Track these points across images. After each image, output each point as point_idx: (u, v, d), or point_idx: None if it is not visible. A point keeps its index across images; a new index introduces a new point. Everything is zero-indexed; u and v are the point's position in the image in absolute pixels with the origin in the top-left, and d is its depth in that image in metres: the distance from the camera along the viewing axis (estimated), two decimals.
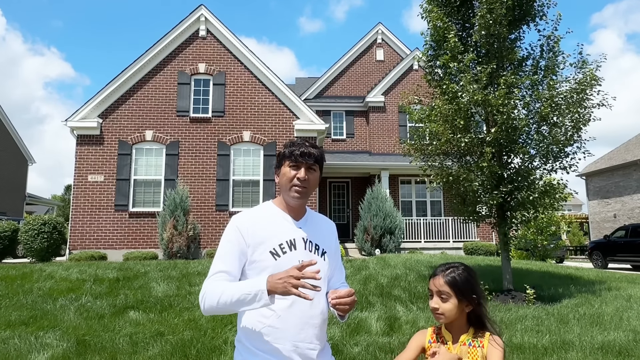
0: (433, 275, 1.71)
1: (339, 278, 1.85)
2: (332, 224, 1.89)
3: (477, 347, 1.63)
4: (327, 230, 1.83)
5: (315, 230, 1.76)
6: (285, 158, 1.72)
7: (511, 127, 7.57)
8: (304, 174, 1.68)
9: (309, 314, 1.64)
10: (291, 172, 1.69)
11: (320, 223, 1.83)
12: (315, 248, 1.72)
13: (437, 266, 1.76)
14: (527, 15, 8.21)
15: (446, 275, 1.66)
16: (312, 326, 1.64)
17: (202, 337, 5.05)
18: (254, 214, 1.71)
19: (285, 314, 1.60)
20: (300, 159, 1.68)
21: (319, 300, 1.66)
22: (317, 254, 1.72)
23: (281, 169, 1.74)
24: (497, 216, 8.18)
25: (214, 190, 13.52)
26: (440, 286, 1.66)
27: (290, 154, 1.70)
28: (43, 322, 5.66)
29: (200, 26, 14.24)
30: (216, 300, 1.55)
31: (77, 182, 13.22)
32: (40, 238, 11.57)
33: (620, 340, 5.19)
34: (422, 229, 16.26)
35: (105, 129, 13.56)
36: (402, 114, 17.97)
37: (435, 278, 1.68)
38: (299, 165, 1.69)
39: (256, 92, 14.22)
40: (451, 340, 1.67)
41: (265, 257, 1.63)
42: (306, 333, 1.62)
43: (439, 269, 1.72)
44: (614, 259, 17.04)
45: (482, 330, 1.67)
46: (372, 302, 6.95)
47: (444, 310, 1.64)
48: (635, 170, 26.08)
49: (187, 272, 8.78)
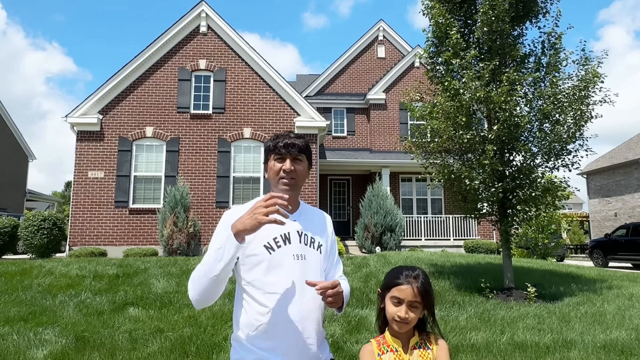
0: (398, 284, 1.63)
1: (337, 271, 1.81)
2: (327, 217, 1.86)
3: (427, 350, 1.64)
4: (322, 223, 1.79)
5: (310, 223, 1.73)
6: (271, 152, 1.71)
7: (513, 124, 7.53)
8: (289, 165, 1.66)
9: (307, 307, 1.60)
10: (277, 165, 1.68)
11: (315, 216, 1.80)
12: (310, 241, 1.68)
13: (395, 272, 1.69)
14: (530, 11, 8.15)
15: (419, 285, 1.62)
16: (311, 320, 1.60)
17: (201, 334, 5.03)
18: (246, 208, 1.63)
19: (281, 309, 1.56)
20: (284, 150, 1.67)
21: (315, 294, 1.60)
22: (313, 247, 1.68)
23: (268, 163, 1.72)
24: (498, 213, 8.15)
25: (214, 187, 13.48)
26: (413, 296, 1.61)
27: (274, 147, 1.69)
28: (42, 318, 5.64)
29: (201, 22, 14.18)
30: (196, 279, 1.51)
31: (77, 178, 13.20)
32: (40, 234, 11.56)
33: (622, 339, 5.16)
34: (423, 227, 16.23)
35: (106, 125, 13.52)
36: (403, 112, 17.93)
37: (405, 287, 1.62)
38: (284, 157, 1.67)
39: (257, 89, 14.17)
40: (401, 347, 1.64)
41: (260, 251, 1.60)
42: (304, 327, 1.58)
43: (404, 276, 1.65)
44: (614, 258, 17.01)
45: (424, 333, 1.69)
46: (372, 299, 6.92)
47: (411, 320, 1.61)
48: (636, 168, 26.02)
49: (187, 269, 8.76)
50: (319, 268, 1.69)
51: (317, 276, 1.65)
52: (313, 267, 1.66)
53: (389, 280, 1.68)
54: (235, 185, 13.55)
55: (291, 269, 1.60)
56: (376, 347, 1.67)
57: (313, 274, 1.64)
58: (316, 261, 1.68)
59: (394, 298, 1.63)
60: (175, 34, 14.04)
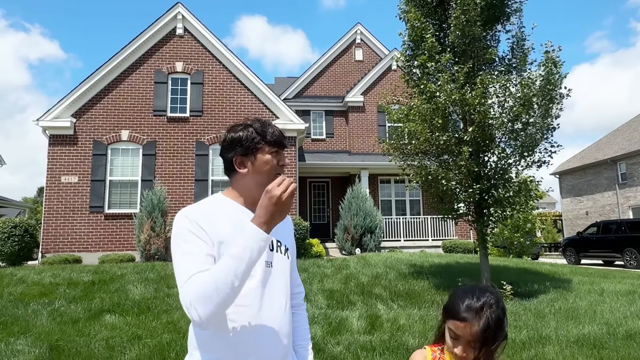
0: (456, 316, 1.33)
1: (295, 278, 1.64)
2: (289, 218, 1.63)
3: None
4: (286, 225, 1.60)
5: (277, 226, 1.55)
6: (264, 143, 1.42)
7: (487, 125, 7.70)
8: (286, 160, 1.45)
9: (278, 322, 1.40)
10: (274, 159, 1.43)
11: None
12: (277, 245, 1.49)
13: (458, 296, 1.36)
14: (501, 15, 8.34)
15: (483, 324, 1.29)
16: (283, 335, 1.41)
17: (181, 340, 4.96)
18: (207, 208, 1.41)
19: (251, 324, 1.35)
20: (284, 142, 1.45)
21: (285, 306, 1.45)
22: (280, 252, 1.50)
23: (256, 156, 1.42)
24: (474, 214, 8.31)
25: (192, 191, 13.32)
26: (471, 336, 1.29)
27: (271, 136, 1.43)
28: (14, 328, 5.46)
29: (177, 24, 14.02)
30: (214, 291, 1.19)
31: (50, 183, 12.84)
32: (10, 241, 11.20)
33: (594, 334, 5.33)
34: (402, 228, 16.39)
35: (79, 128, 13.21)
36: (381, 114, 18.09)
37: (463, 325, 1.30)
38: (280, 150, 1.44)
39: (235, 92, 14.08)
40: None
41: None
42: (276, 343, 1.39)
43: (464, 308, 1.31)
44: (586, 255, 17.52)
45: None
46: (353, 301, 6.96)
47: (470, 358, 1.33)
48: (605, 168, 26.92)
49: (165, 274, 8.63)
50: (287, 275, 1.50)
51: (285, 284, 1.47)
52: (282, 275, 1.47)
53: (449, 305, 1.38)
54: (214, 189, 13.42)
55: (262, 278, 1.39)
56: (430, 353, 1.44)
57: (282, 283, 1.46)
58: (285, 268, 1.49)
59: (451, 331, 1.34)
60: (152, 36, 13.84)
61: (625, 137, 27.05)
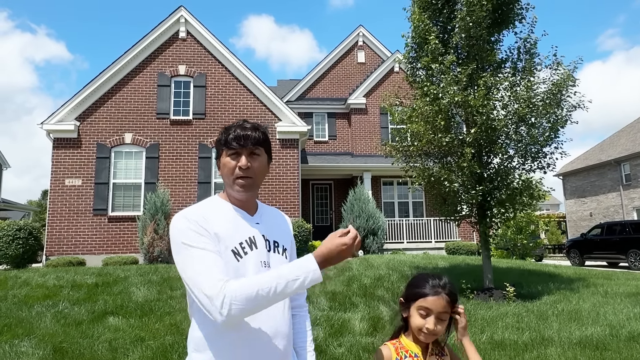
0: (425, 294, 1.53)
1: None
2: (287, 218, 1.67)
3: (443, 357, 1.61)
4: (283, 225, 1.61)
5: (273, 226, 1.55)
6: (222, 145, 1.45)
7: (490, 127, 7.69)
8: (245, 162, 1.42)
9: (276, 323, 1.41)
10: (231, 161, 1.44)
11: (275, 217, 1.61)
12: (274, 245, 1.50)
13: (420, 281, 1.57)
14: (507, 18, 8.33)
15: (449, 294, 1.53)
16: (281, 337, 1.42)
17: (183, 342, 4.98)
18: (204, 209, 1.43)
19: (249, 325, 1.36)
20: (237, 144, 1.43)
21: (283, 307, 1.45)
22: (278, 252, 1.50)
23: (220, 159, 1.47)
24: (477, 215, 8.29)
25: (195, 194, 13.36)
26: (443, 307, 1.52)
27: (226, 140, 1.44)
28: (18, 330, 5.50)
29: (180, 27, 14.10)
30: (254, 293, 1.23)
31: (54, 186, 12.92)
32: (15, 244, 11.26)
33: (597, 335, 5.31)
34: (405, 230, 16.38)
35: (83, 132, 13.29)
36: (384, 116, 18.11)
37: (434, 299, 1.51)
38: (239, 152, 1.43)
39: (237, 94, 14.13)
40: (421, 353, 1.56)
41: (228, 258, 1.37)
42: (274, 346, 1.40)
43: (430, 286, 1.53)
44: (590, 257, 17.45)
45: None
46: (355, 302, 6.96)
47: (438, 332, 1.53)
48: (609, 169, 26.81)
49: (169, 277, 8.65)
50: None
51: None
52: None
53: (414, 290, 1.57)
54: (217, 191, 13.46)
55: None
56: (394, 351, 1.57)
57: None
58: None
59: (422, 309, 1.53)
60: (154, 39, 13.92)
61: (629, 138, 26.95)
